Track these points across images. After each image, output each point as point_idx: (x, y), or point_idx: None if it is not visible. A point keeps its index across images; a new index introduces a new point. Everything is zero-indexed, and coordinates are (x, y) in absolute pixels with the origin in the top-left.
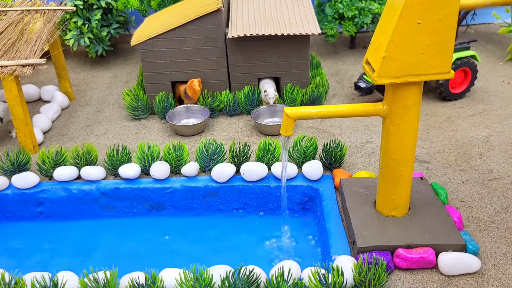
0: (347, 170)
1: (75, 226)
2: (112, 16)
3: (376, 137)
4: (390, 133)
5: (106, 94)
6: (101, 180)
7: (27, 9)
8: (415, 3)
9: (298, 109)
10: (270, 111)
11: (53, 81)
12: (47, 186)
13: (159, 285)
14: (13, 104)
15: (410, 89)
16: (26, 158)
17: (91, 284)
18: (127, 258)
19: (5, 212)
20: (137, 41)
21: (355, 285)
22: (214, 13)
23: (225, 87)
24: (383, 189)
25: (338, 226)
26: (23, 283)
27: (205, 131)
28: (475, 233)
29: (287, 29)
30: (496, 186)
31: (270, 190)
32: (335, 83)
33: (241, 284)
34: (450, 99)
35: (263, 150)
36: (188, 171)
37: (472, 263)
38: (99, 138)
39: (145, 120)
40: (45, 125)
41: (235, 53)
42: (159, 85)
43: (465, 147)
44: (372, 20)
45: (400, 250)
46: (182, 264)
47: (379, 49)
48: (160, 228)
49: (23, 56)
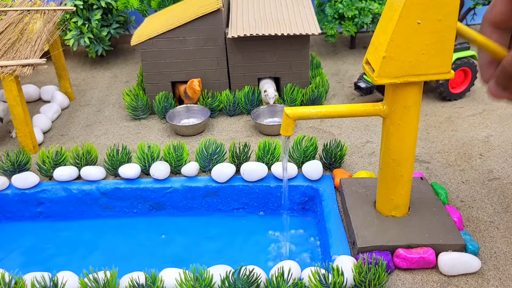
0: (347, 170)
1: (75, 226)
2: (112, 16)
3: (376, 137)
4: (390, 133)
5: (106, 94)
6: (101, 180)
7: (27, 9)
8: (415, 3)
9: (298, 109)
10: (270, 111)
11: (53, 81)
12: (47, 186)
13: (159, 285)
14: (13, 104)
15: (410, 89)
16: (26, 158)
17: (91, 284)
18: (127, 258)
19: (5, 212)
20: (137, 41)
21: (355, 285)
22: (214, 13)
23: (225, 87)
24: (383, 189)
25: (338, 226)
26: (23, 283)
27: (205, 131)
28: (475, 233)
29: (287, 29)
30: (496, 186)
31: (270, 190)
32: (335, 83)
33: (241, 284)
34: (450, 99)
35: (263, 150)
36: (188, 171)
37: (472, 263)
38: (99, 138)
39: (145, 120)
40: (45, 125)
41: (235, 53)
42: (159, 85)
43: (465, 147)
44: (372, 20)
45: (400, 250)
46: (182, 264)
47: (379, 49)
48: (160, 228)
49: (23, 56)
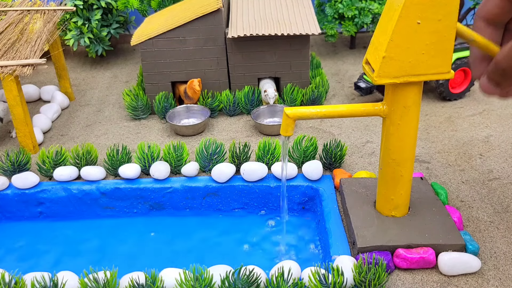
0: (347, 170)
1: (75, 226)
2: (112, 16)
3: (376, 137)
4: (390, 133)
5: (106, 94)
6: (101, 180)
7: (27, 9)
8: (414, 3)
9: (298, 109)
10: (270, 111)
11: (53, 81)
12: (47, 186)
13: (159, 285)
14: (13, 104)
15: (410, 89)
16: (26, 158)
17: (91, 284)
18: (127, 258)
19: (5, 212)
20: (137, 41)
21: (355, 285)
22: (214, 13)
23: (225, 87)
24: (383, 189)
25: (338, 226)
26: (23, 283)
27: (205, 131)
28: (475, 233)
29: (287, 29)
30: (496, 186)
31: (270, 190)
32: (335, 83)
33: (241, 284)
34: (450, 99)
35: (263, 150)
36: (188, 171)
37: (472, 263)
38: (99, 138)
39: (145, 120)
40: (45, 125)
41: (235, 53)
42: (159, 85)
43: (465, 147)
44: (372, 20)
45: (400, 250)
46: (182, 264)
47: (379, 49)
48: (160, 228)
49: (23, 56)
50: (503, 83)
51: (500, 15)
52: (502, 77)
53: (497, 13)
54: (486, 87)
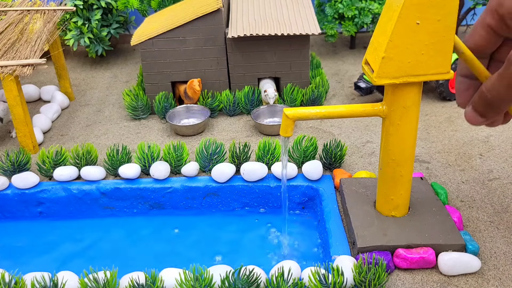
0: (347, 170)
1: (75, 226)
2: (112, 16)
3: (376, 137)
4: (390, 133)
5: (106, 94)
6: (101, 180)
7: (27, 9)
8: (414, 4)
9: (298, 109)
10: (270, 111)
11: (53, 81)
12: (47, 186)
13: (159, 285)
14: (13, 104)
15: (409, 89)
16: (26, 158)
17: (91, 284)
18: (127, 258)
19: (5, 212)
20: (137, 41)
21: (355, 285)
22: (214, 13)
23: (225, 87)
24: (383, 189)
25: (338, 226)
26: (23, 283)
27: (205, 131)
28: (475, 233)
29: (287, 29)
30: (496, 186)
31: (270, 190)
32: (335, 83)
33: (241, 284)
34: (450, 99)
35: (263, 150)
36: (188, 171)
37: (472, 263)
38: (99, 138)
39: (145, 120)
40: (45, 125)
41: (235, 53)
42: (159, 85)
43: (465, 147)
44: (372, 20)
45: (400, 250)
46: (182, 264)
47: (378, 50)
48: (160, 228)
49: (23, 56)
50: (488, 113)
51: (485, 47)
52: (487, 108)
53: (482, 45)
54: (471, 117)
